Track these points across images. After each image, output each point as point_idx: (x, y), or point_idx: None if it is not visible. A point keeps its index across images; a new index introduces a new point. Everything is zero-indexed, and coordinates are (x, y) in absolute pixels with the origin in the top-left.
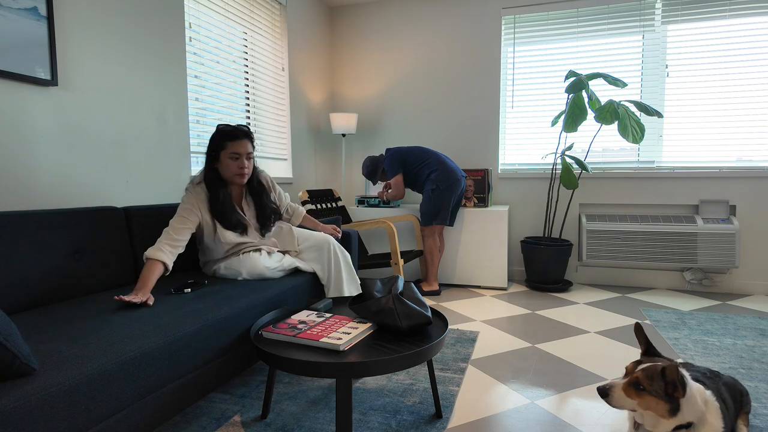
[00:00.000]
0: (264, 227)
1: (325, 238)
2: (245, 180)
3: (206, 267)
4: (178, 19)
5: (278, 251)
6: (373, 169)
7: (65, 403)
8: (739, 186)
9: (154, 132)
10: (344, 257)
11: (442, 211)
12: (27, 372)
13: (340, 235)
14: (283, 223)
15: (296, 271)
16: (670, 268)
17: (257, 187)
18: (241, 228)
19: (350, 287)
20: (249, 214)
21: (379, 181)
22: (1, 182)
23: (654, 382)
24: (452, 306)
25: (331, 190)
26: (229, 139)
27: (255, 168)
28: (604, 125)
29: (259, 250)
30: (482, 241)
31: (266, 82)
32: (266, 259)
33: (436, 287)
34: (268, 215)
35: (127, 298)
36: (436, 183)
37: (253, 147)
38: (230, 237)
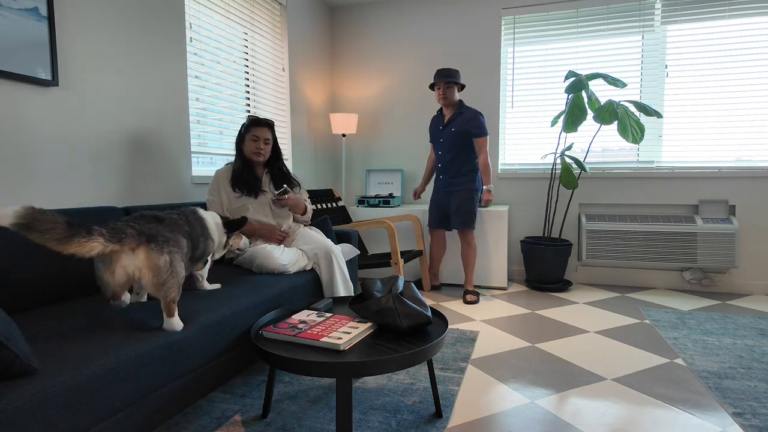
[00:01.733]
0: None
1: (326, 243)
2: (261, 159)
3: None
4: (178, 19)
5: (293, 248)
6: (455, 77)
7: (65, 403)
8: (738, 186)
9: (155, 132)
10: (339, 266)
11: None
12: (27, 372)
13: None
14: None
15: (297, 271)
16: (670, 268)
17: (276, 164)
18: (254, 189)
19: (343, 291)
20: (265, 181)
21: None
22: (1, 182)
23: None
24: (452, 306)
25: (331, 190)
26: (253, 125)
27: (279, 156)
28: (603, 125)
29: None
30: (482, 241)
31: (267, 83)
32: (281, 255)
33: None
34: (280, 177)
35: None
36: (477, 184)
37: (273, 136)
38: (243, 200)
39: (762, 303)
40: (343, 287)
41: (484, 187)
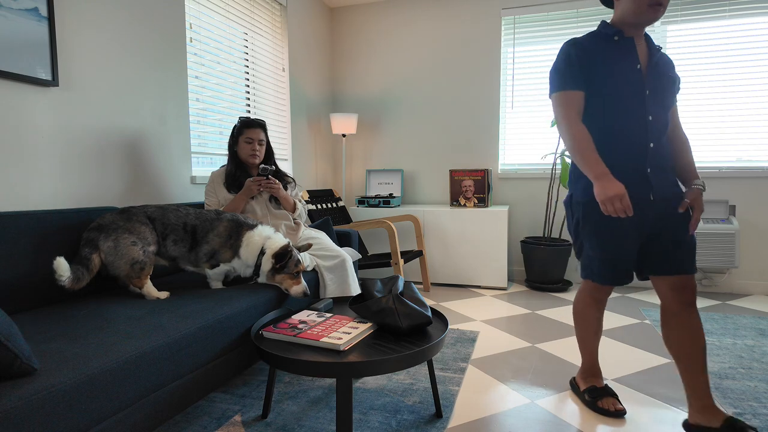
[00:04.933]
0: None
1: (343, 255)
2: (257, 161)
3: None
4: (178, 19)
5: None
6: None
7: (65, 403)
8: (739, 186)
9: (155, 132)
10: (353, 275)
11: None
12: (28, 372)
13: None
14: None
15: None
16: None
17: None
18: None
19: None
20: None
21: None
22: (1, 182)
23: None
24: (452, 306)
25: (331, 190)
26: (246, 127)
27: (271, 155)
28: None
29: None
30: (482, 241)
31: (267, 83)
32: None
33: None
34: (272, 174)
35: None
36: (587, 192)
37: (266, 136)
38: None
39: (762, 303)
40: (353, 290)
41: (697, 185)
